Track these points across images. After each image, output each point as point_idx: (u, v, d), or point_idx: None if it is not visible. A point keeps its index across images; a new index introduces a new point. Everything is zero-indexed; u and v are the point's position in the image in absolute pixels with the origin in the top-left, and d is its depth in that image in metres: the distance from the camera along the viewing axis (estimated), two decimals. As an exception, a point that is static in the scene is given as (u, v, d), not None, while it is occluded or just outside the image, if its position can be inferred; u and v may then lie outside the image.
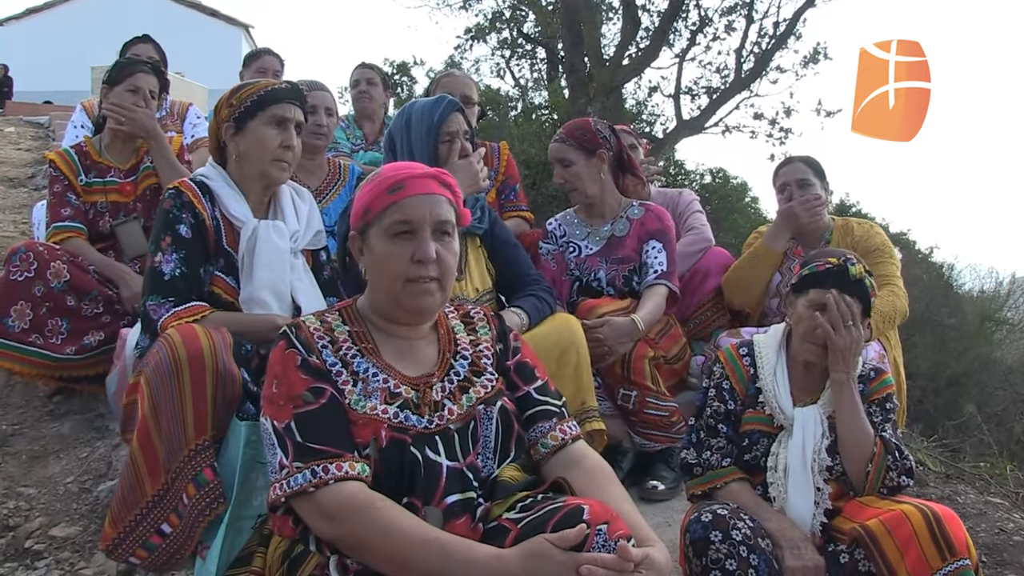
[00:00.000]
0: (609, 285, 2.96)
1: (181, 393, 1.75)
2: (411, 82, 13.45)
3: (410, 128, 2.60)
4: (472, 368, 1.68)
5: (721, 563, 1.80)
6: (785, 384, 2.09)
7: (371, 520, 1.40)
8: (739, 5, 12.37)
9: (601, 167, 3.00)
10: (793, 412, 2.04)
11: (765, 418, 2.08)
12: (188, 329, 1.83)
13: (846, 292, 2.03)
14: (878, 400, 2.08)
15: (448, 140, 2.59)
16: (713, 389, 2.14)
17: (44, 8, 22.06)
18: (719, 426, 2.11)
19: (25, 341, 2.67)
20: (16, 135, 8.01)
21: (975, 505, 3.15)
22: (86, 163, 3.02)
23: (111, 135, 3.07)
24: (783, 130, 12.63)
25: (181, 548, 1.78)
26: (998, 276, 12.46)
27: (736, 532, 1.82)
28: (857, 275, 2.04)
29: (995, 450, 5.21)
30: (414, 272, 1.58)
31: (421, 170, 1.66)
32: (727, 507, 1.89)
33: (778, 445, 2.04)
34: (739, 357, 2.16)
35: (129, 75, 3.02)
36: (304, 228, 2.28)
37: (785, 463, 2.01)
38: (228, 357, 1.82)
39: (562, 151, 3.00)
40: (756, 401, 2.10)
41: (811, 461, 1.99)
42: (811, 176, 3.18)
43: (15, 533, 2.26)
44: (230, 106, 2.20)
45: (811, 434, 2.01)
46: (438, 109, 2.59)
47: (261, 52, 4.52)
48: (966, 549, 1.74)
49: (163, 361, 1.78)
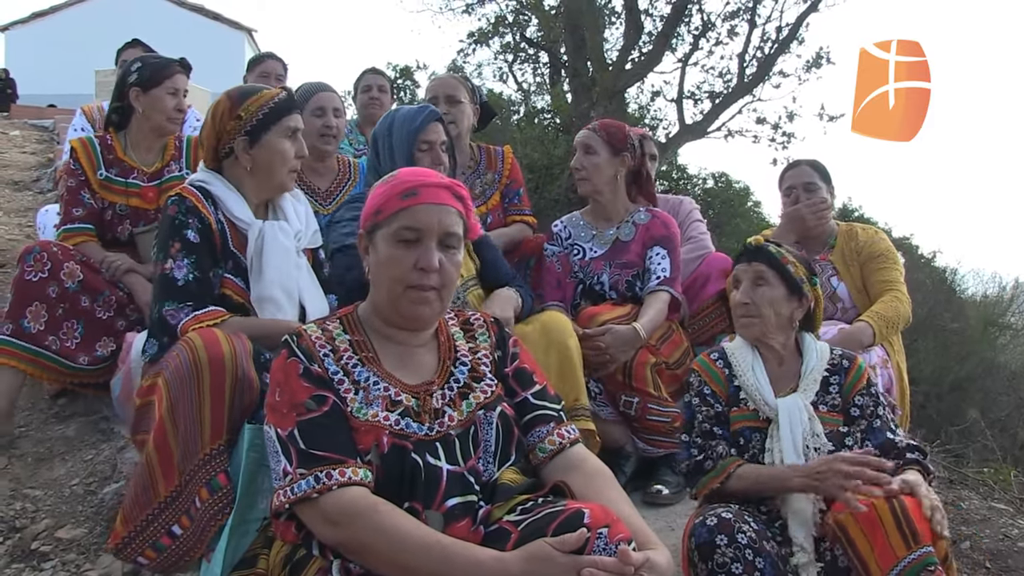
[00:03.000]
0: (612, 289, 2.97)
1: (200, 397, 1.77)
2: (414, 86, 13.48)
3: (392, 133, 2.65)
4: (472, 374, 1.69)
5: (727, 567, 1.80)
6: (764, 378, 2.16)
7: (373, 524, 1.41)
8: (742, 10, 12.38)
9: (619, 170, 3.04)
10: (777, 403, 2.11)
11: (750, 414, 2.14)
12: (209, 334, 1.85)
13: (749, 261, 2.21)
14: (863, 389, 2.14)
15: (426, 149, 2.62)
16: (696, 398, 2.19)
17: (49, 12, 22.13)
18: (714, 429, 2.15)
19: (42, 344, 2.65)
20: (21, 138, 8.03)
21: (979, 511, 3.15)
22: (108, 157, 2.97)
23: (139, 133, 3.03)
24: (786, 135, 12.63)
25: (190, 551, 1.80)
26: (1001, 281, 12.43)
27: (741, 536, 1.83)
28: (755, 243, 2.23)
29: (999, 455, 5.21)
30: (415, 279, 1.59)
31: (436, 179, 1.67)
32: (731, 510, 1.90)
33: (770, 439, 2.09)
34: (712, 362, 2.24)
35: (167, 77, 2.98)
36: (305, 228, 2.32)
37: (780, 453, 2.05)
38: (248, 363, 1.83)
39: (590, 138, 3.04)
40: (738, 400, 2.17)
41: (802, 447, 2.04)
42: (817, 180, 3.18)
43: (21, 535, 2.27)
44: (238, 118, 2.18)
45: (797, 420, 2.07)
46: (419, 117, 2.64)
47: (264, 56, 4.54)
48: (930, 537, 1.78)
49: (184, 364, 1.79)
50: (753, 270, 2.20)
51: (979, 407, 8.10)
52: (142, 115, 2.99)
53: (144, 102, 2.97)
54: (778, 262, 2.19)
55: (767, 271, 2.18)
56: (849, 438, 2.10)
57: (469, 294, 2.62)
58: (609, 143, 3.01)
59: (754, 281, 2.19)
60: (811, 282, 2.22)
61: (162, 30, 12.63)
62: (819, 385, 2.16)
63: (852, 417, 2.13)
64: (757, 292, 2.18)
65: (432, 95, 3.33)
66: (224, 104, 2.21)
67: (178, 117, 3.05)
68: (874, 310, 2.94)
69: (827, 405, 2.15)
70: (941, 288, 11.05)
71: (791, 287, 2.18)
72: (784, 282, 2.18)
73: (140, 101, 2.97)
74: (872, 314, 2.92)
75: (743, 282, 2.22)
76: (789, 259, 2.21)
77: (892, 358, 2.93)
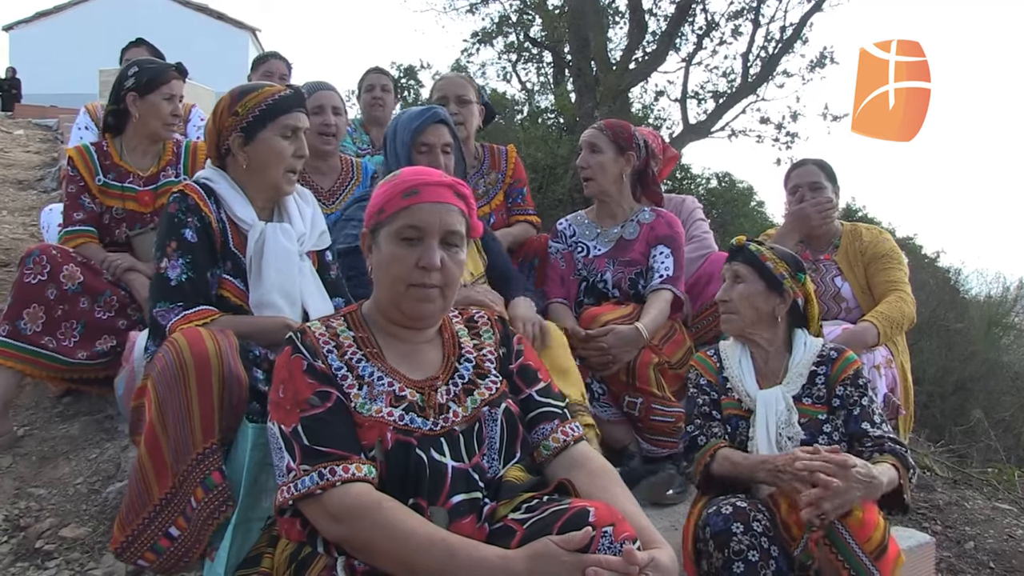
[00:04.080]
0: (615, 287, 2.97)
1: (187, 396, 1.74)
2: (418, 86, 13.49)
3: (396, 135, 2.66)
4: (476, 371, 1.69)
5: (744, 554, 1.84)
6: (750, 370, 2.26)
7: (378, 521, 1.41)
8: (746, 9, 12.38)
9: (625, 168, 3.04)
10: (757, 394, 2.20)
11: (735, 403, 2.25)
12: (193, 332, 1.82)
13: (731, 260, 2.32)
14: (848, 379, 2.18)
15: (424, 151, 2.62)
16: (694, 388, 2.31)
17: (53, 12, 22.20)
18: (712, 412, 2.24)
19: (38, 343, 2.67)
20: (25, 137, 8.05)
21: (983, 511, 3.14)
22: (105, 163, 3.00)
23: (135, 138, 3.05)
24: (789, 135, 12.62)
25: (189, 551, 1.79)
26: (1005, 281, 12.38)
27: (756, 524, 1.87)
28: (737, 243, 2.33)
29: (1003, 456, 5.21)
30: (417, 277, 1.60)
31: (438, 178, 1.67)
32: (745, 500, 1.95)
33: (751, 428, 2.18)
34: (707, 357, 2.36)
35: (164, 83, 2.99)
36: (309, 230, 2.28)
37: (755, 441, 2.15)
38: (235, 359, 1.81)
39: (595, 137, 3.04)
40: (726, 389, 2.27)
41: (775, 437, 2.13)
42: (823, 179, 3.17)
43: (26, 533, 2.27)
44: (235, 114, 2.16)
45: (773, 411, 2.16)
46: (420, 119, 2.64)
47: (268, 56, 4.54)
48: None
49: (169, 365, 1.77)
50: (732, 269, 2.31)
51: (983, 407, 8.08)
52: (138, 120, 3.01)
53: (140, 107, 2.99)
54: (757, 260, 2.27)
55: (744, 269, 2.27)
56: (827, 425, 2.15)
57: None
58: (615, 142, 3.01)
59: (732, 279, 2.30)
60: (796, 278, 2.26)
61: (166, 29, 12.66)
62: (805, 379, 2.22)
63: (833, 407, 2.18)
64: (735, 290, 2.28)
65: (441, 95, 3.33)
66: (225, 101, 2.20)
67: (173, 122, 3.07)
68: (878, 310, 2.94)
69: (811, 397, 2.20)
70: (945, 288, 11.04)
71: (770, 283, 2.24)
72: (763, 279, 2.25)
73: (136, 106, 2.99)
74: (876, 314, 2.91)
75: (725, 280, 2.34)
76: (768, 256, 2.27)
77: (896, 358, 2.92)
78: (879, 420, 2.13)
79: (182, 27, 19.48)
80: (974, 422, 7.13)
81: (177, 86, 3.04)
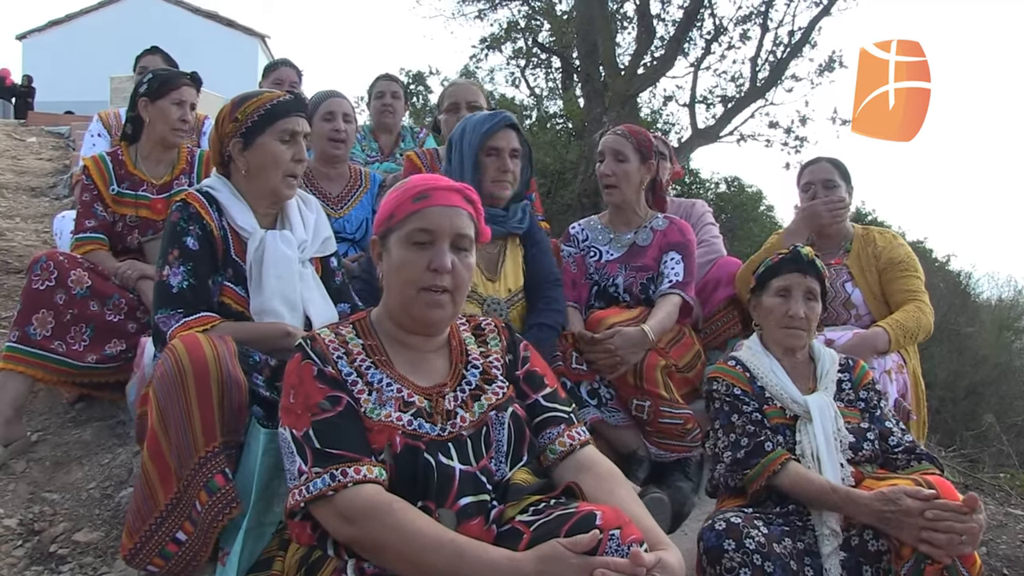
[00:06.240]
0: (626, 291, 2.97)
1: (187, 402, 1.75)
2: (427, 91, 13.53)
3: (463, 138, 2.68)
4: (483, 377, 1.70)
5: (735, 571, 1.82)
6: (787, 378, 2.27)
7: (388, 521, 1.42)
8: (754, 14, 12.39)
9: (645, 177, 3.05)
10: (806, 400, 2.20)
11: (778, 411, 2.23)
12: (191, 338, 1.83)
13: (804, 273, 2.30)
14: (868, 384, 2.31)
15: (493, 154, 2.65)
16: (728, 403, 2.24)
17: (65, 20, 22.40)
18: (763, 420, 2.20)
19: (47, 348, 2.69)
20: (38, 145, 8.12)
21: (995, 517, 3.12)
22: (120, 172, 3.05)
23: (148, 144, 3.09)
24: (798, 139, 12.63)
25: (197, 554, 1.80)
26: (1016, 284, 12.36)
27: (749, 540, 1.84)
28: (808, 256, 2.31)
29: (1015, 461, 5.17)
30: (428, 280, 1.61)
31: (446, 183, 1.69)
32: (741, 515, 1.91)
33: (800, 434, 2.16)
34: (731, 367, 2.32)
35: (174, 88, 3.05)
36: (312, 237, 2.28)
37: (813, 447, 2.13)
38: (233, 364, 1.82)
39: (621, 144, 3.03)
40: (764, 398, 2.24)
41: (834, 442, 2.13)
42: (837, 177, 3.13)
43: (40, 538, 2.29)
44: (235, 120, 2.17)
45: (828, 416, 2.17)
46: (491, 122, 2.67)
47: (279, 63, 4.57)
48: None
49: (168, 371, 1.78)
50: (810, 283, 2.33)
51: (994, 412, 8.05)
52: (150, 125, 3.06)
53: (151, 112, 3.04)
54: (822, 276, 2.34)
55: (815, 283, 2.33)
56: (871, 432, 2.20)
57: (513, 310, 2.63)
58: (639, 150, 3.01)
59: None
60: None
61: (176, 37, 12.75)
62: (835, 385, 2.28)
63: (860, 410, 2.26)
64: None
65: (453, 100, 3.34)
66: (226, 108, 2.22)
67: (182, 127, 3.10)
68: (894, 318, 2.86)
69: (843, 402, 2.27)
70: (955, 292, 10.99)
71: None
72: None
73: (148, 111, 3.04)
74: (891, 321, 2.84)
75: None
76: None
77: (908, 363, 2.86)
78: (894, 419, 2.23)
79: (192, 34, 19.64)
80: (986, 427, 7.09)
81: (188, 93, 3.08)
